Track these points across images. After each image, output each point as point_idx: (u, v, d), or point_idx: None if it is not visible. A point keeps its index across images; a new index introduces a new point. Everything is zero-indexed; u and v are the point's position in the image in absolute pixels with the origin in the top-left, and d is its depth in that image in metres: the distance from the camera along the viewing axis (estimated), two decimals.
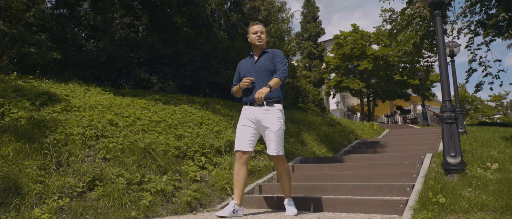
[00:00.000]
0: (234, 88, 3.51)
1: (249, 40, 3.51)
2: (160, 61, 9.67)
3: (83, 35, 9.62)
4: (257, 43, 3.43)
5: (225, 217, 3.11)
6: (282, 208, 3.54)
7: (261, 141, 5.71)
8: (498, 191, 3.16)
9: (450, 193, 3.24)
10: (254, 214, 3.44)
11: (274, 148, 3.24)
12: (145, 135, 4.36)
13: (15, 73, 6.32)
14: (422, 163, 4.69)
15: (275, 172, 4.93)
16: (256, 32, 3.46)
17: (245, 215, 3.34)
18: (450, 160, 3.88)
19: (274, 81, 3.21)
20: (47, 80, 6.44)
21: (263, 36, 3.47)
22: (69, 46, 8.88)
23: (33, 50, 8.29)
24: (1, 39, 7.89)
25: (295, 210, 3.33)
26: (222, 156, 4.75)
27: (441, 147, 5.80)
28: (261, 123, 3.27)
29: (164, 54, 9.67)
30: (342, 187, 4.06)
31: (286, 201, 3.41)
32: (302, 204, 3.59)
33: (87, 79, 8.34)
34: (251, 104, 3.33)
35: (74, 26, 9.30)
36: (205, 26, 11.99)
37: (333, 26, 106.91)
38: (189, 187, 3.84)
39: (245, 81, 3.31)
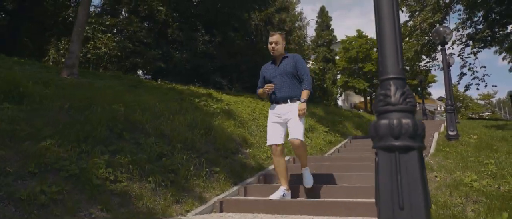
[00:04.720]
0: (259, 91, 3.90)
1: None
2: (227, 69, 12.61)
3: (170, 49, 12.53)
4: (272, 53, 3.82)
5: (276, 199, 3.50)
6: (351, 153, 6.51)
7: (325, 124, 8.71)
8: (475, 146, 6.22)
9: (450, 147, 6.27)
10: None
11: (298, 135, 3.56)
12: (262, 120, 7.32)
13: (159, 80, 9.20)
14: (433, 136, 7.73)
15: (346, 141, 7.93)
16: (271, 43, 3.80)
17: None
18: (450, 133, 6.91)
19: (305, 93, 3.65)
20: (176, 84, 9.32)
21: (277, 47, 3.77)
22: (163, 57, 11.79)
23: (139, 60, 11.19)
24: (123, 53, 10.79)
25: (311, 180, 3.86)
26: (312, 132, 7.74)
27: (442, 129, 8.85)
28: (287, 116, 3.65)
29: (229, 63, 12.62)
30: None
31: (304, 170, 3.86)
32: (367, 159, 6.57)
33: (177, 83, 11.19)
34: (278, 102, 3.72)
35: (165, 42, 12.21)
36: (250, 37, 14.92)
37: (332, 24, 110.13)
38: None
39: (268, 87, 3.67)
